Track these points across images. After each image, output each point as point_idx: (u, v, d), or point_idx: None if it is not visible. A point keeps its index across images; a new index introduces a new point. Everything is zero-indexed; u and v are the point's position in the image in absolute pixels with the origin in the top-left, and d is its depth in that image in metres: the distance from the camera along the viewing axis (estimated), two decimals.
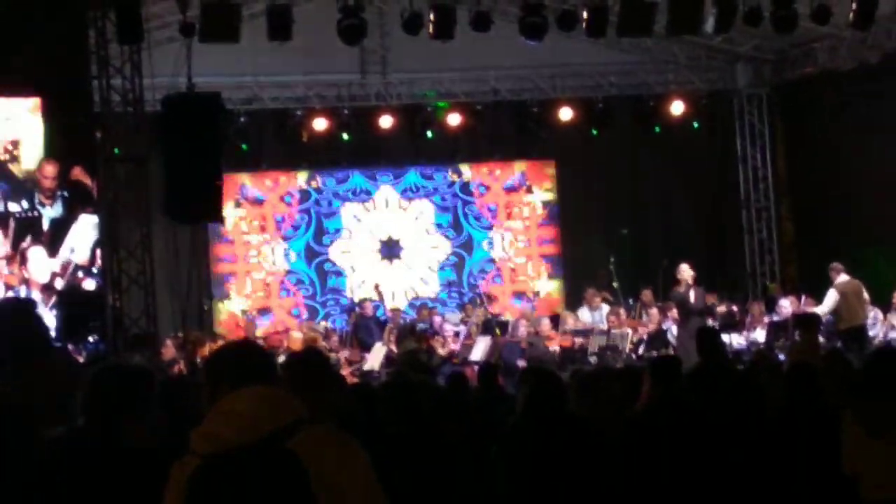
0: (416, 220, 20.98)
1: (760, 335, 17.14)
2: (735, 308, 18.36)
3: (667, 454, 6.08)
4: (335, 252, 20.70)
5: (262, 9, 15.38)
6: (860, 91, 18.75)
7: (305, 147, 19.96)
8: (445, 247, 21.07)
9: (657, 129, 20.67)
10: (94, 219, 13.68)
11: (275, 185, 20.60)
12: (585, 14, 15.89)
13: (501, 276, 21.32)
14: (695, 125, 20.66)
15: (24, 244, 13.30)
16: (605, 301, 18.86)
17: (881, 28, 17.63)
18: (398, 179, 20.97)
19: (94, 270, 13.61)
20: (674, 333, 17.14)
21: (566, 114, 20.24)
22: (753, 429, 6.33)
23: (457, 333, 17.78)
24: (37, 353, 4.01)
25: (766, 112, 21.55)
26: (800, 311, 16.79)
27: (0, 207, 13.39)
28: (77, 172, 13.52)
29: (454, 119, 20.02)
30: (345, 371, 15.64)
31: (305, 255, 20.59)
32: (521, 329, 17.28)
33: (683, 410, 6.39)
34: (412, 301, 20.50)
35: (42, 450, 3.91)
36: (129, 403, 4.21)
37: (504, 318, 18.75)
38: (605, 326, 17.57)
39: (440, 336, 17.25)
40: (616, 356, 16.51)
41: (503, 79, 20.21)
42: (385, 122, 19.83)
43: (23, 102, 13.49)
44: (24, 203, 13.40)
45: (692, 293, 16.64)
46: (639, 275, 19.87)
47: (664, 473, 6.04)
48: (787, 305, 17.65)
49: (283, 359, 5.53)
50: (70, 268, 13.45)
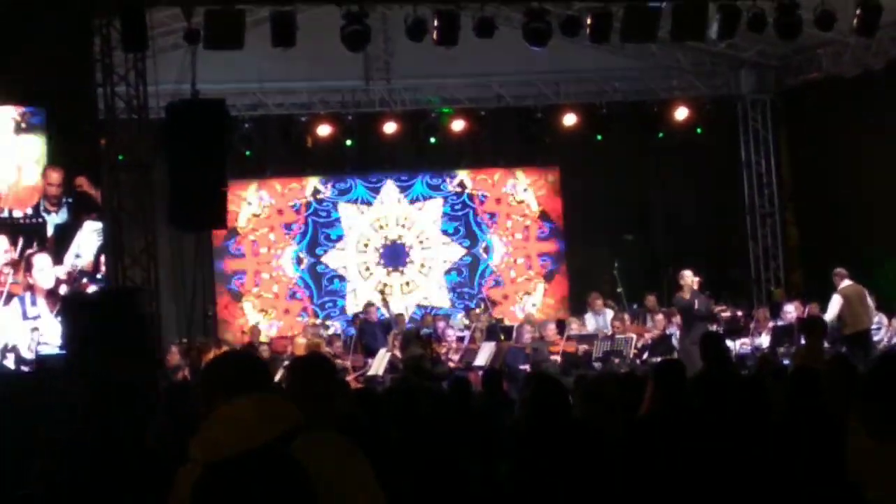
0: (423, 227, 20.98)
1: (765, 340, 17.13)
2: (739, 313, 18.36)
3: (670, 459, 6.08)
4: (335, 258, 20.70)
5: (266, 15, 15.38)
6: (864, 97, 18.75)
7: (310, 153, 19.96)
8: (452, 253, 21.06)
9: (661, 135, 20.68)
10: (99, 225, 13.67)
11: (284, 192, 20.60)
12: (589, 20, 15.89)
13: (501, 282, 21.30)
14: (698, 131, 20.65)
15: (30, 251, 13.29)
16: (609, 306, 18.88)
17: (885, 34, 17.64)
18: (405, 191, 20.96)
19: (99, 277, 13.60)
20: (678, 339, 17.14)
21: (570, 119, 20.25)
22: (757, 434, 6.33)
23: (460, 339, 17.79)
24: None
25: (771, 118, 21.55)
26: (804, 317, 16.80)
27: (4, 214, 13.38)
28: (82, 182, 13.50)
29: (458, 125, 20.03)
30: (349, 377, 15.66)
31: (306, 262, 20.60)
32: (526, 335, 17.28)
33: (687, 416, 6.39)
34: (417, 307, 20.49)
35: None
36: (133, 410, 4.22)
37: (508, 324, 18.76)
38: (610, 332, 17.58)
39: (444, 341, 17.26)
40: (620, 361, 16.52)
41: (507, 85, 20.22)
42: (389, 129, 19.85)
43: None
44: (29, 209, 13.39)
45: (696, 299, 16.63)
46: (643, 280, 19.89)
47: (667, 479, 6.04)
48: (792, 311, 17.64)
49: (288, 364, 5.54)
50: (75, 274, 13.44)
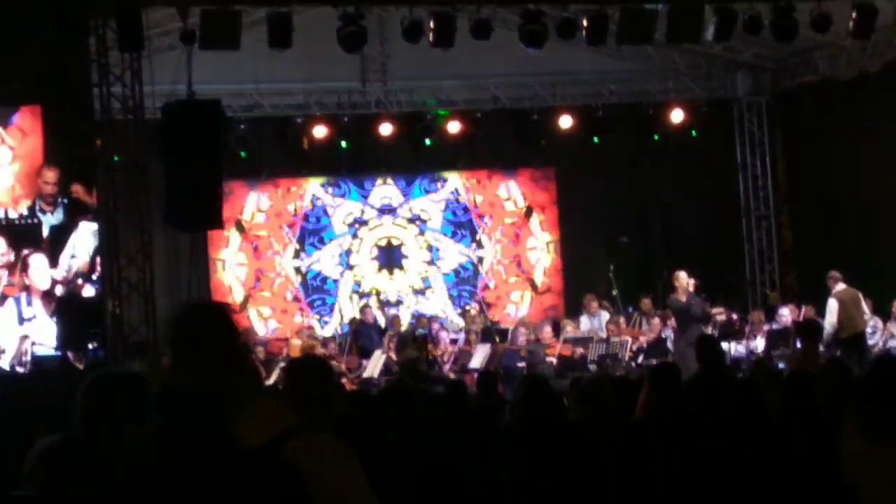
0: (420, 229, 20.96)
1: (760, 343, 17.14)
2: (734, 316, 18.36)
3: (665, 462, 6.08)
4: (328, 261, 20.68)
5: (263, 16, 15.37)
6: (860, 100, 18.76)
7: (305, 154, 19.95)
8: (448, 256, 21.03)
9: (657, 138, 20.68)
10: (94, 226, 13.66)
11: (285, 194, 20.59)
12: (585, 22, 15.89)
13: (493, 285, 21.25)
14: (693, 133, 20.65)
15: (25, 251, 13.28)
16: (604, 308, 18.88)
17: (881, 37, 17.65)
18: (404, 195, 20.94)
19: (94, 277, 13.59)
20: (673, 341, 17.13)
21: (566, 122, 20.24)
22: (752, 437, 6.33)
23: (453, 341, 17.78)
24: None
25: (766, 120, 21.56)
26: (800, 320, 16.81)
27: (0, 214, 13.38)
28: (77, 190, 13.50)
29: (454, 127, 20.01)
30: (344, 378, 15.65)
31: (301, 263, 20.61)
32: (521, 337, 17.29)
33: (682, 418, 6.39)
34: (413, 316, 20.41)
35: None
36: (128, 408, 4.19)
37: (503, 326, 18.75)
38: (605, 334, 17.58)
39: (438, 344, 17.23)
40: (615, 364, 16.54)
41: (503, 86, 20.22)
42: (385, 130, 19.83)
43: None
44: (24, 210, 13.39)
45: (692, 301, 16.59)
46: (639, 283, 19.89)
47: (663, 482, 6.04)
48: (787, 314, 17.65)
49: (284, 366, 5.54)
50: (71, 275, 13.43)
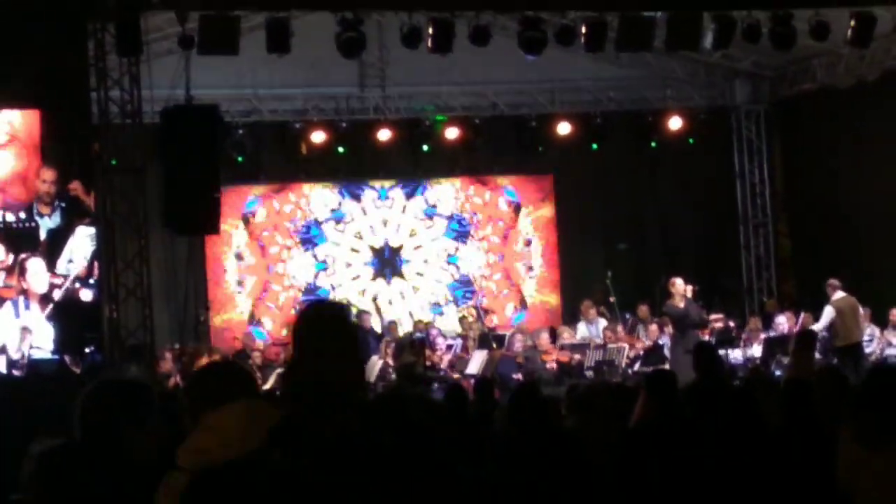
0: (417, 235, 20.94)
1: (757, 351, 17.14)
2: (732, 324, 18.37)
3: (662, 469, 6.08)
4: (328, 263, 20.66)
5: (261, 21, 15.38)
6: (858, 108, 18.79)
7: (304, 160, 19.95)
8: (445, 262, 20.99)
9: (654, 145, 20.70)
10: (91, 230, 13.65)
11: (283, 199, 20.58)
12: (584, 29, 15.89)
13: (486, 293, 21.18)
14: (690, 141, 20.66)
15: (23, 255, 13.27)
16: (602, 315, 18.87)
17: (879, 46, 17.67)
18: (406, 198, 20.91)
19: (92, 281, 13.58)
20: (669, 348, 17.11)
21: (564, 128, 20.25)
22: (749, 444, 6.33)
23: (449, 346, 17.78)
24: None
25: (765, 128, 21.58)
26: (796, 328, 16.82)
27: None
28: (76, 187, 13.49)
29: (452, 133, 20.01)
30: None
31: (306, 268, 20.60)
32: (518, 343, 17.29)
33: (679, 425, 6.39)
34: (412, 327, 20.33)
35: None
36: (131, 416, 4.18)
37: (501, 333, 18.73)
38: (602, 341, 17.58)
39: (434, 349, 17.22)
40: (612, 371, 16.53)
41: (502, 93, 20.23)
42: (383, 136, 19.82)
43: None
44: (22, 213, 13.38)
45: (689, 307, 16.57)
46: (636, 290, 19.88)
47: (659, 488, 6.04)
48: (784, 321, 17.67)
49: (280, 372, 5.54)
50: (69, 279, 13.42)
